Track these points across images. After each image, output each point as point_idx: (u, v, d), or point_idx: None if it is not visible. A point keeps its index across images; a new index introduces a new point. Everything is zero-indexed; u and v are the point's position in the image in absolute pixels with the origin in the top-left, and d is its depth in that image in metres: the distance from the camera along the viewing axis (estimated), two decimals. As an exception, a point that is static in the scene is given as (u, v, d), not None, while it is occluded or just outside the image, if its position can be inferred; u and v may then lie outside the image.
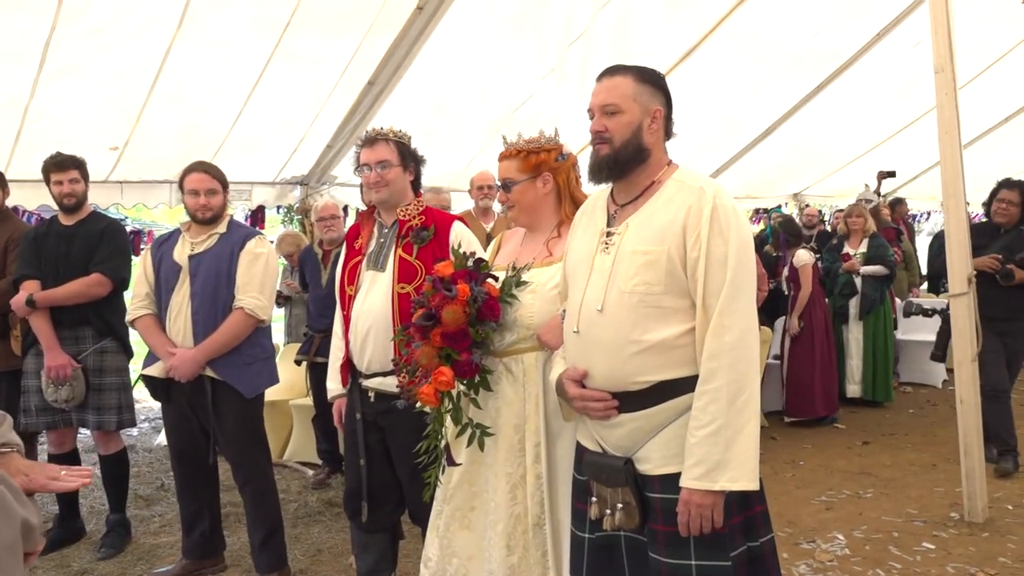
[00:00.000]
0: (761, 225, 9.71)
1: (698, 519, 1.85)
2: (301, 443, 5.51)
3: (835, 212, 9.66)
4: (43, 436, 4.61)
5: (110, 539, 3.98)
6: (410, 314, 2.36)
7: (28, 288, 3.73)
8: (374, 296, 2.74)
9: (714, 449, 1.82)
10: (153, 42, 4.57)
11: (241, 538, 3.95)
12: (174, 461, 3.58)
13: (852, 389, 6.73)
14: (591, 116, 2.00)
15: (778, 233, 6.72)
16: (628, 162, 1.96)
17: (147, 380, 3.45)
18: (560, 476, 2.29)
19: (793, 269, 6.39)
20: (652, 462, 1.93)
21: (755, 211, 10.25)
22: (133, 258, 4.09)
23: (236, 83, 5.14)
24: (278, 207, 6.79)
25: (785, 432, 6.04)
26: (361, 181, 2.97)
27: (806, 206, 9.88)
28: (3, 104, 4.65)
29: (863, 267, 6.62)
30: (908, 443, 5.67)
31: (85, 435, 5.18)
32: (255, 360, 3.45)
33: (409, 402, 2.35)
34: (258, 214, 6.69)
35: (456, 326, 2.21)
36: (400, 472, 2.81)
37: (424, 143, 3.00)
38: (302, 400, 5.42)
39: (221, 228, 3.47)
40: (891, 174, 8.18)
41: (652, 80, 1.99)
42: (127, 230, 4.59)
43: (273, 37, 4.83)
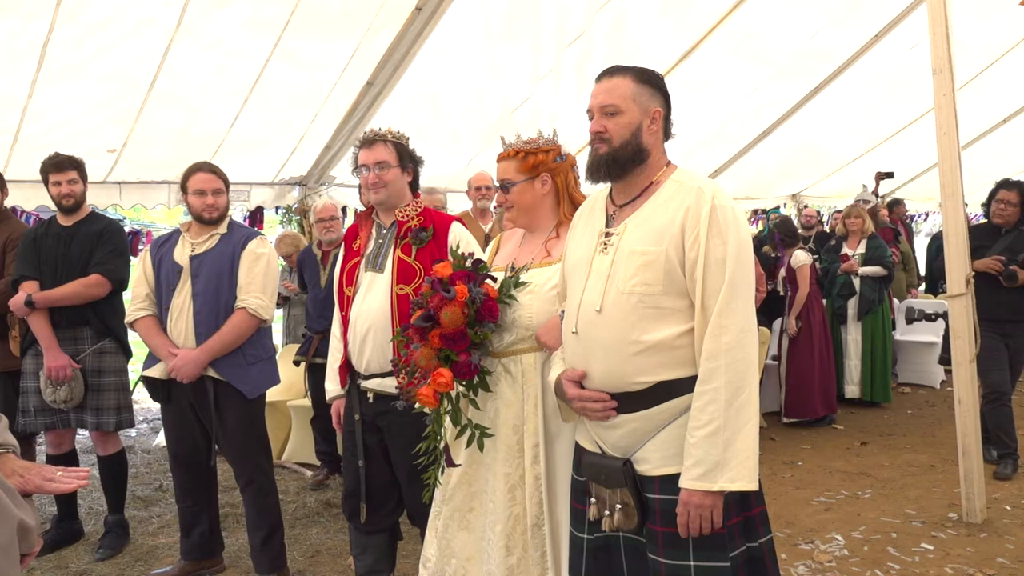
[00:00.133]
0: (760, 226, 9.73)
1: (697, 520, 1.85)
2: (299, 444, 5.51)
3: (833, 213, 9.69)
4: (42, 437, 4.61)
5: (108, 540, 3.98)
6: (409, 315, 2.36)
7: (27, 289, 3.73)
8: (373, 297, 2.73)
9: (713, 449, 1.82)
10: (152, 43, 4.56)
11: (240, 539, 3.95)
12: (173, 462, 3.58)
13: (850, 390, 6.74)
14: (590, 117, 2.00)
15: (774, 234, 6.73)
16: (627, 162, 1.96)
17: (147, 381, 3.44)
18: (559, 477, 2.29)
19: (790, 270, 6.39)
20: (651, 463, 1.93)
21: (753, 212, 10.26)
22: (132, 259, 4.08)
23: (235, 84, 5.13)
24: (277, 208, 6.78)
25: (783, 433, 6.04)
26: (359, 182, 2.97)
27: (804, 207, 9.87)
28: (2, 105, 4.64)
29: (861, 268, 6.64)
30: (906, 444, 5.67)
31: (84, 436, 5.18)
32: (257, 360, 3.45)
33: (408, 403, 2.35)
34: (257, 215, 6.68)
35: (455, 327, 2.21)
36: (399, 473, 2.81)
37: (422, 144, 2.99)
38: (300, 401, 5.42)
39: (222, 229, 3.47)
40: (889, 175, 8.19)
41: (651, 81, 2.00)
42: (125, 231, 4.57)
43: (272, 38, 4.83)
